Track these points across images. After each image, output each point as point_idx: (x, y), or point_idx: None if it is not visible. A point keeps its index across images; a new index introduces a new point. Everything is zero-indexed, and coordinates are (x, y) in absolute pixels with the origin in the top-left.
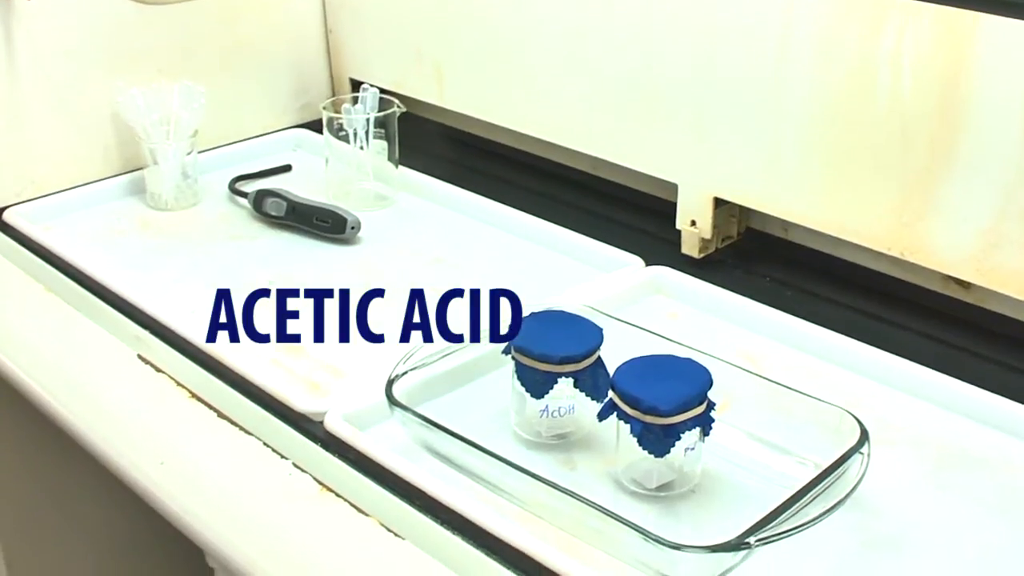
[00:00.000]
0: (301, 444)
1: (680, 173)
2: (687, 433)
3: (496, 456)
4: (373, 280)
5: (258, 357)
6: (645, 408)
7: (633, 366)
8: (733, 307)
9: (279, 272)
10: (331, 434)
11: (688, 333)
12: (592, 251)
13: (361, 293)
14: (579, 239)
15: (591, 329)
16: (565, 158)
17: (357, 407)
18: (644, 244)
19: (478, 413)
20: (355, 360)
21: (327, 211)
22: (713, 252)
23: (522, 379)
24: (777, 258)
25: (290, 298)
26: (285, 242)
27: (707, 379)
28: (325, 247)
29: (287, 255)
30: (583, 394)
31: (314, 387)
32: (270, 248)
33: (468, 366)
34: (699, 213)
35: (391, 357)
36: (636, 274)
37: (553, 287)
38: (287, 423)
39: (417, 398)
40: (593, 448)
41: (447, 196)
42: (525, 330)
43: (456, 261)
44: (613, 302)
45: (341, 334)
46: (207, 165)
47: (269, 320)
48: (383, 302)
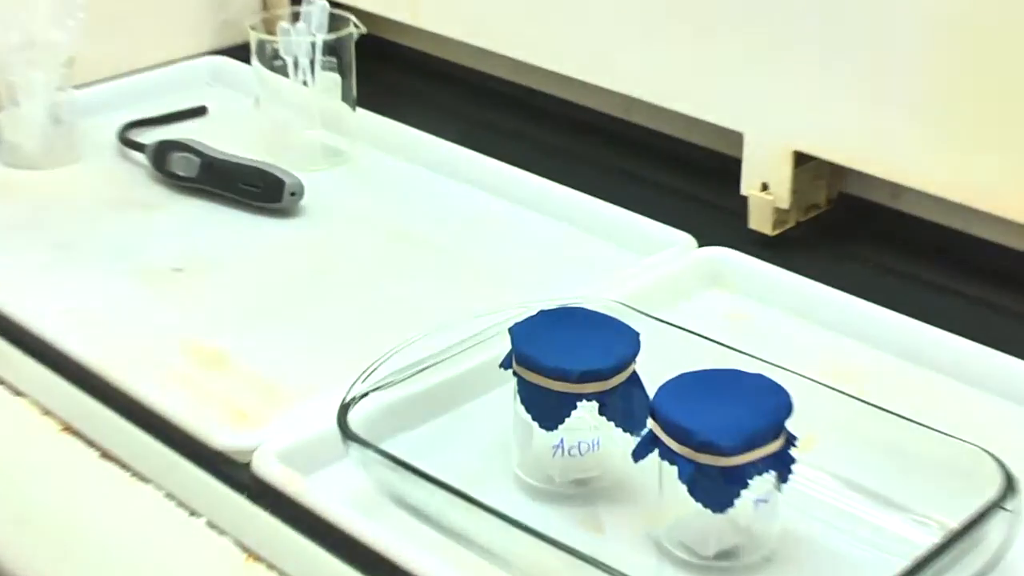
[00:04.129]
0: (220, 495)
1: (746, 118)
2: (757, 479)
3: (491, 511)
4: (321, 266)
5: (160, 373)
6: (699, 444)
7: (682, 386)
8: (820, 303)
9: (190, 255)
10: (262, 480)
11: (758, 339)
12: (624, 226)
13: (305, 283)
14: (606, 210)
15: (623, 334)
16: (586, 98)
17: (298, 442)
18: (696, 217)
19: (467, 450)
20: (295, 376)
21: (257, 171)
22: (792, 227)
23: (528, 403)
24: (882, 235)
25: (206, 290)
26: (198, 213)
27: (784, 404)
28: (254, 220)
29: (200, 232)
30: (612, 424)
31: (238, 415)
32: (177, 222)
33: (452, 385)
34: (773, 173)
35: (345, 372)
36: (685, 258)
37: (571, 276)
38: (200, 465)
39: (382, 430)
40: (626, 500)
41: (423, 151)
42: (533, 335)
43: (435, 240)
44: (654, 297)
45: (276, 340)
46: (88, 106)
47: (175, 322)
48: (334, 296)
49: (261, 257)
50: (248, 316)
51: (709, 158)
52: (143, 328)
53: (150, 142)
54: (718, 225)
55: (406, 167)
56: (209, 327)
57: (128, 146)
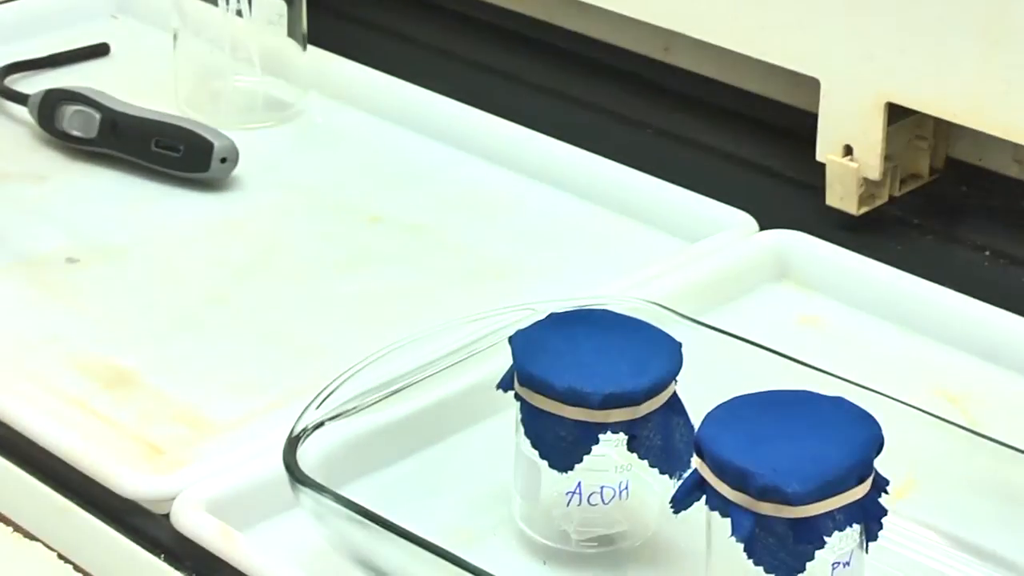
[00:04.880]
0: (130, 556)
1: (823, 60)
2: (837, 535)
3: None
4: (260, 255)
5: (48, 398)
6: (760, 489)
7: (737, 413)
8: (921, 305)
9: (87, 241)
10: (184, 537)
11: (837, 351)
12: (664, 203)
13: (239, 278)
14: (639, 182)
15: (660, 346)
16: (616, 35)
17: (232, 487)
18: (757, 191)
19: (453, 498)
20: (227, 401)
21: (176, 130)
22: (885, 204)
23: (535, 436)
24: (1004, 215)
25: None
26: (98, 186)
27: (873, 437)
28: (172, 195)
29: (101, 210)
30: (645, 463)
31: (152, 451)
32: (70, 197)
33: (434, 413)
34: (859, 133)
35: (294, 395)
36: (743, 245)
37: (592, 269)
38: (103, 518)
39: (343, 471)
40: (663, 563)
41: (396, 103)
42: (541, 346)
43: (412, 221)
44: (701, 296)
45: (201, 353)
46: None
47: (68, 330)
48: (278, 295)
49: (181, 243)
50: (164, 321)
51: (774, 113)
52: (25, 338)
53: (35, 92)
54: (786, 202)
55: (373, 124)
56: (112, 336)
57: (6, 97)
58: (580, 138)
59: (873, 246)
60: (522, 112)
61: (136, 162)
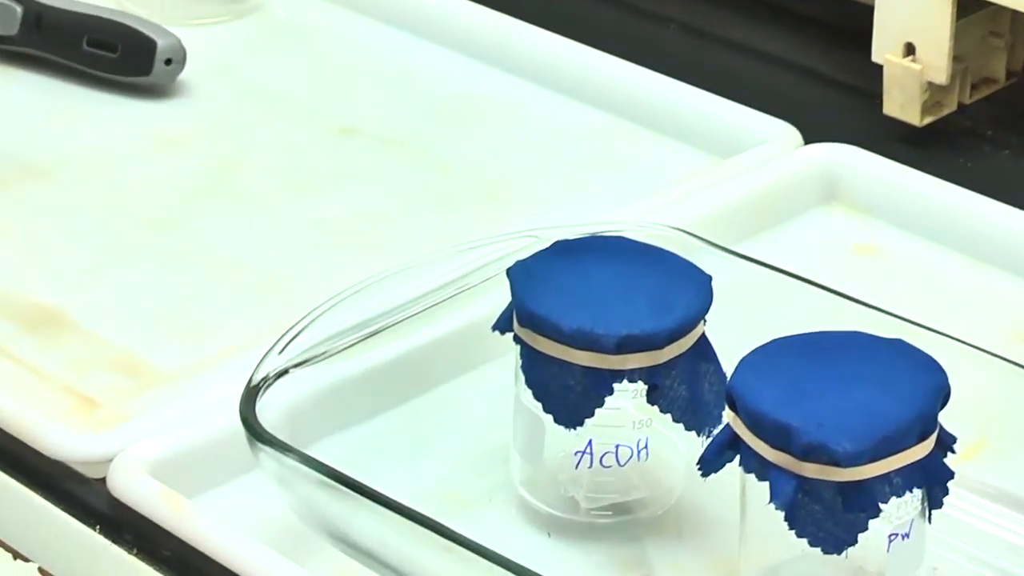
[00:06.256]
0: (60, 528)
1: None
2: (894, 502)
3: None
4: (212, 174)
5: None
6: (804, 447)
7: (777, 359)
8: (994, 231)
9: (7, 155)
10: (123, 505)
11: (896, 285)
12: (692, 112)
13: (187, 200)
14: (663, 87)
15: (686, 279)
16: None
17: (179, 446)
18: (803, 98)
19: (441, 459)
20: (172, 345)
21: (111, 25)
22: (953, 113)
23: (538, 386)
24: None
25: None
26: (20, 93)
27: (937, 387)
28: (108, 102)
29: (24, 121)
30: (668, 418)
31: (85, 404)
32: None
33: (418, 358)
34: (923, 28)
35: (252, 338)
36: (785, 161)
37: (607, 188)
38: (29, 484)
39: (309, 427)
40: (690, 535)
41: None
42: (545, 280)
43: (395, 133)
44: (736, 220)
45: (143, 289)
46: None
47: None
48: (233, 219)
49: (118, 160)
50: (98, 252)
51: (822, 5)
52: None
53: None
54: (836, 110)
55: (346, 18)
56: (37, 270)
57: None
58: (591, 35)
59: (939, 162)
60: (522, 5)
61: (65, 64)
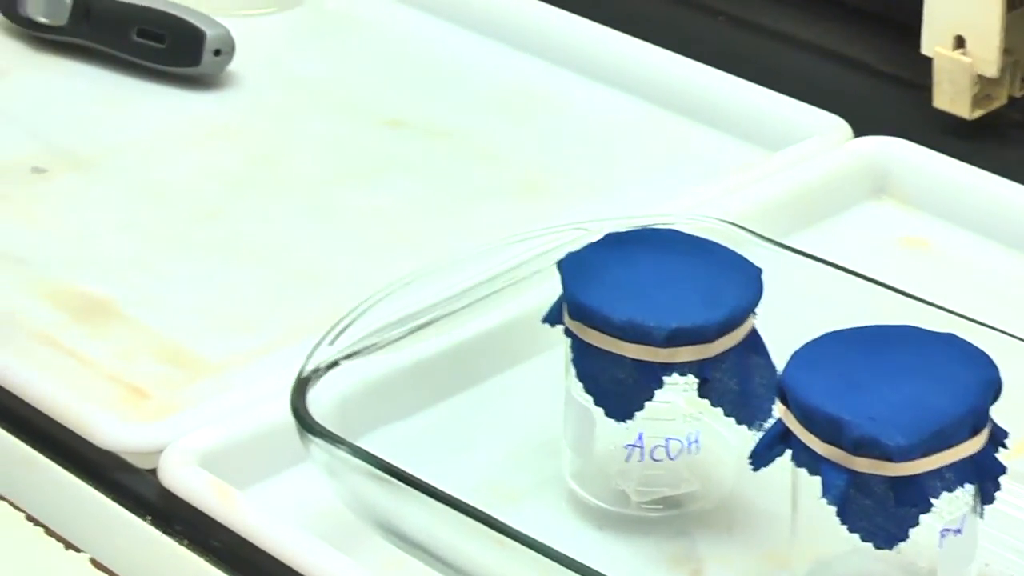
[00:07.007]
0: (111, 518)
1: None
2: (946, 497)
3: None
4: (260, 165)
5: (12, 334)
6: (856, 441)
7: (828, 353)
8: None
9: (56, 148)
10: (173, 496)
11: (946, 280)
12: (742, 105)
13: (236, 192)
14: (713, 79)
15: (737, 272)
16: None
17: (229, 438)
18: (852, 90)
19: (490, 451)
20: (222, 336)
21: (161, 16)
22: (1003, 106)
23: (588, 379)
24: None
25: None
26: (68, 83)
27: (989, 382)
28: (156, 93)
29: (73, 111)
30: (719, 412)
31: (135, 395)
32: (36, 96)
33: (468, 351)
34: (973, 21)
35: (302, 330)
36: (835, 154)
37: (659, 181)
38: (79, 474)
39: (360, 419)
40: (740, 529)
41: None
42: (596, 273)
43: (443, 125)
44: (786, 213)
45: (192, 281)
46: None
47: (34, 253)
48: (282, 211)
49: (166, 150)
50: (146, 242)
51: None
52: None
53: None
54: (885, 103)
55: (393, 9)
56: (86, 261)
57: None
58: (639, 27)
59: (988, 155)
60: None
61: (114, 54)
